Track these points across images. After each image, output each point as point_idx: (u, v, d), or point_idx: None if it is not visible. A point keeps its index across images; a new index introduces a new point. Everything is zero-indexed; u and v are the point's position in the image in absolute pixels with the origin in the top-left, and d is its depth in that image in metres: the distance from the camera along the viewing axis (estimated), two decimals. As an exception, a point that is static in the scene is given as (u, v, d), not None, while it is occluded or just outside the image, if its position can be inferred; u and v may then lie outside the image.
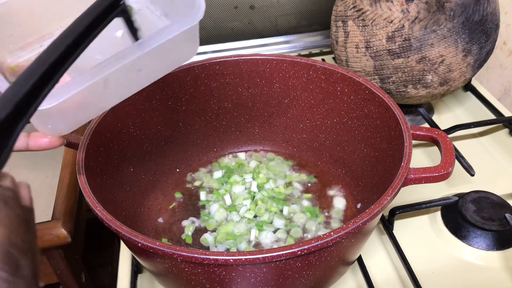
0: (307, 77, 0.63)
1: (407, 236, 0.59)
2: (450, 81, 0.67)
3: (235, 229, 0.57)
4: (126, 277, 0.55)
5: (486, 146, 0.73)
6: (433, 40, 0.63)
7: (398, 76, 0.66)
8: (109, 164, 0.55)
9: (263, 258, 0.37)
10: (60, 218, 0.62)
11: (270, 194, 0.62)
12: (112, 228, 0.41)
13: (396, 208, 0.59)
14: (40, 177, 0.70)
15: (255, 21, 0.95)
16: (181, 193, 0.64)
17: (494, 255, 0.56)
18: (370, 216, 0.40)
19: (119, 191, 0.56)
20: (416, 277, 0.52)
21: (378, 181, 0.55)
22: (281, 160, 0.68)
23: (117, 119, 0.57)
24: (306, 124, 0.66)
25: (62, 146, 0.72)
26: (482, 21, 0.64)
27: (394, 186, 0.43)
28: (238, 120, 0.68)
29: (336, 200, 0.62)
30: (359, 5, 0.67)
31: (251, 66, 0.64)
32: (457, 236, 0.58)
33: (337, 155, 0.64)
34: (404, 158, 0.46)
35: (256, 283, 0.41)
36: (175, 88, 0.63)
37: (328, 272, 0.46)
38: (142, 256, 0.45)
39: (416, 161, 0.71)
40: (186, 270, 0.40)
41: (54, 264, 0.67)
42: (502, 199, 0.60)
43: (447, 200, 0.60)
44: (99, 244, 1.10)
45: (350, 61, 0.70)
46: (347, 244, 0.43)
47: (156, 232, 0.59)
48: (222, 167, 0.68)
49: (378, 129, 0.56)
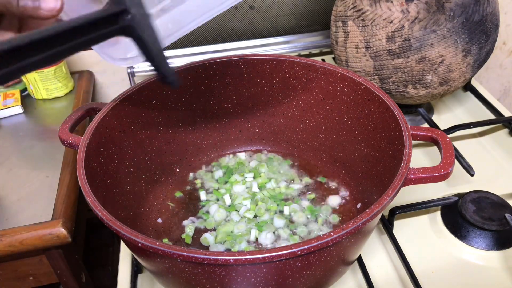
0: (307, 77, 0.63)
1: (407, 236, 0.59)
2: (450, 81, 0.67)
3: (235, 229, 0.58)
4: (126, 277, 0.56)
5: (486, 146, 0.73)
6: (433, 40, 0.63)
7: (398, 76, 0.67)
8: (109, 164, 0.55)
9: (263, 258, 0.37)
10: (60, 218, 0.62)
11: (271, 194, 0.62)
12: (112, 228, 0.41)
13: (396, 208, 0.59)
14: (40, 177, 0.70)
15: (255, 21, 0.95)
16: (181, 193, 0.64)
17: (493, 255, 0.56)
18: (370, 216, 0.40)
19: (119, 191, 0.56)
20: (416, 277, 0.52)
21: (378, 181, 0.55)
22: (281, 160, 0.69)
23: (117, 119, 0.57)
24: (306, 124, 0.66)
25: (62, 146, 0.72)
26: (482, 21, 0.64)
27: (394, 186, 0.43)
28: (238, 120, 0.68)
29: (336, 200, 0.62)
30: (359, 5, 0.67)
31: (251, 66, 0.64)
32: (457, 236, 0.58)
33: (337, 155, 0.65)
34: (404, 158, 0.46)
35: (256, 283, 0.41)
36: (175, 88, 0.63)
37: (328, 272, 0.46)
38: (142, 256, 0.45)
39: (416, 161, 0.71)
40: (186, 270, 0.41)
41: (54, 264, 0.68)
42: (502, 199, 0.60)
43: (447, 200, 0.61)
44: (99, 244, 1.10)
45: (350, 61, 0.70)
46: (347, 244, 0.43)
47: (156, 232, 0.59)
48: (222, 167, 0.68)
49: (378, 129, 0.56)
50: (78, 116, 0.57)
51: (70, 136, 0.53)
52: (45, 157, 0.74)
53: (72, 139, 0.53)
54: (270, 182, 0.64)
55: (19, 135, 0.79)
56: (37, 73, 0.83)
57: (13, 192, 0.67)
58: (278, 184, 0.64)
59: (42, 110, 0.86)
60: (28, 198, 0.66)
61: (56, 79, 0.86)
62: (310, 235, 0.57)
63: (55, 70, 0.85)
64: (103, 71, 0.99)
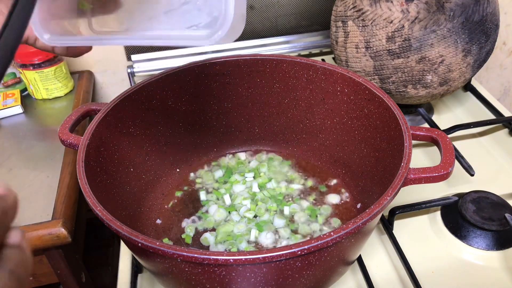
0: (307, 77, 0.63)
1: (407, 236, 0.59)
2: (450, 81, 0.67)
3: (235, 229, 0.58)
4: (126, 277, 0.56)
5: (486, 146, 0.73)
6: (433, 40, 0.63)
7: (398, 76, 0.67)
8: (109, 164, 0.55)
9: (263, 258, 0.37)
10: (60, 218, 0.62)
11: (271, 194, 0.62)
12: (112, 228, 0.41)
13: (396, 208, 0.59)
14: (40, 177, 0.70)
15: (255, 21, 0.95)
16: (181, 193, 0.64)
17: (493, 255, 0.56)
18: (370, 216, 0.40)
19: (119, 191, 0.56)
20: (416, 277, 0.52)
21: (378, 181, 0.55)
22: (281, 160, 0.69)
23: (117, 119, 0.57)
24: (306, 124, 0.66)
25: (62, 146, 0.71)
26: (482, 21, 0.64)
27: (394, 186, 0.43)
28: (238, 120, 0.68)
29: (336, 200, 0.62)
30: (359, 5, 0.67)
31: (251, 66, 0.64)
32: (457, 236, 0.58)
33: (337, 155, 0.64)
34: (404, 158, 0.46)
35: (256, 283, 0.41)
36: (175, 88, 0.63)
37: (328, 272, 0.46)
38: (142, 256, 0.45)
39: (416, 161, 0.71)
40: (186, 270, 0.41)
41: (54, 264, 0.67)
42: (502, 199, 0.60)
43: (447, 200, 0.61)
44: (99, 244, 1.10)
45: (350, 61, 0.70)
46: (347, 244, 0.43)
47: (156, 232, 0.59)
48: (222, 167, 0.68)
49: (378, 129, 0.56)
50: (78, 116, 0.57)
51: (70, 136, 0.53)
52: (45, 157, 0.74)
53: (72, 139, 0.53)
54: (271, 182, 0.64)
55: (19, 135, 0.79)
56: (37, 73, 0.83)
57: (13, 192, 0.67)
58: (279, 184, 0.64)
59: (42, 110, 0.86)
60: (28, 198, 0.66)
61: (56, 79, 0.86)
62: (310, 235, 0.57)
63: (55, 70, 0.85)
64: (103, 71, 0.99)
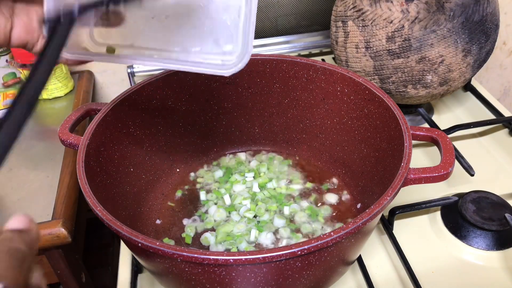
0: (307, 77, 0.63)
1: (407, 236, 0.59)
2: (450, 81, 0.67)
3: (235, 229, 0.58)
4: (126, 277, 0.56)
5: (486, 146, 0.73)
6: (433, 40, 0.63)
7: (398, 76, 0.67)
8: (109, 164, 0.55)
9: (263, 258, 0.37)
10: (60, 218, 0.62)
11: (271, 194, 0.62)
12: (112, 228, 0.41)
13: (396, 208, 0.59)
14: (40, 177, 0.70)
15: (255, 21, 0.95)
16: (181, 193, 0.64)
17: (493, 255, 0.56)
18: (370, 216, 0.40)
19: (119, 191, 0.56)
20: (416, 277, 0.52)
21: (378, 181, 0.55)
22: (281, 160, 0.69)
23: (117, 119, 0.57)
24: (306, 124, 0.66)
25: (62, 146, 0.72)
26: (482, 21, 0.64)
27: (394, 186, 0.43)
28: (238, 120, 0.68)
29: (336, 200, 0.62)
30: (359, 5, 0.67)
31: (251, 66, 0.64)
32: (457, 236, 0.58)
33: (337, 155, 0.64)
34: (404, 158, 0.46)
35: (256, 283, 0.41)
36: (175, 88, 0.63)
37: (328, 272, 0.46)
38: (142, 256, 0.45)
39: (416, 161, 0.71)
40: (186, 270, 0.40)
41: (54, 264, 0.68)
42: (502, 199, 0.60)
43: (447, 200, 0.61)
44: (99, 244, 1.10)
45: (350, 61, 0.70)
46: (347, 244, 0.43)
47: (156, 232, 0.59)
48: (222, 166, 0.68)
49: (378, 129, 0.56)
50: (78, 116, 0.57)
51: (70, 136, 0.53)
52: (45, 157, 0.74)
53: (72, 139, 0.53)
54: (271, 182, 0.64)
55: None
56: (37, 73, 0.83)
57: (13, 192, 0.67)
58: (279, 184, 0.64)
59: (42, 110, 0.86)
60: (28, 198, 0.66)
61: (56, 79, 0.86)
62: (310, 235, 0.57)
63: (55, 70, 0.85)
64: (103, 71, 0.99)
